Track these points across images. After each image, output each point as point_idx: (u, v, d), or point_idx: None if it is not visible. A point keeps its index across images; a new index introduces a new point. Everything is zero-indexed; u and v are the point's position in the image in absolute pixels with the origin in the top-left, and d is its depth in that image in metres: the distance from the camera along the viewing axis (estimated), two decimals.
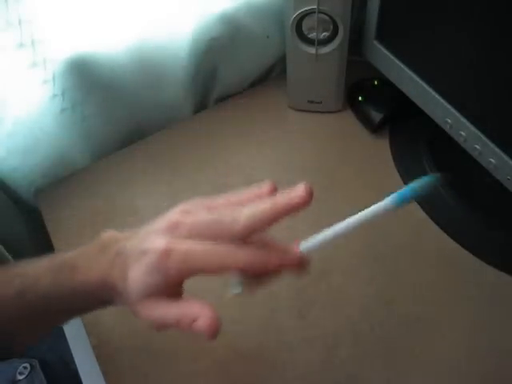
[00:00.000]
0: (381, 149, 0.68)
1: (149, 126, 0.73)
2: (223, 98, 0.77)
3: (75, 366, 0.60)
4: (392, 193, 0.36)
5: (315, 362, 0.51)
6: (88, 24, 0.56)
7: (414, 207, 0.62)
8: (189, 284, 0.39)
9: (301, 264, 0.36)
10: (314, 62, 0.66)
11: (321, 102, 0.71)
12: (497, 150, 0.51)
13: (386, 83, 0.65)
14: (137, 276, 0.34)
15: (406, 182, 0.64)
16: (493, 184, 0.54)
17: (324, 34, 0.63)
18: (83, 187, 0.67)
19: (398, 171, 0.65)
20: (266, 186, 0.37)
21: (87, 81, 0.61)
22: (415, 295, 0.55)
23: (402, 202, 0.36)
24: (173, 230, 0.35)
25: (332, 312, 0.54)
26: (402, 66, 0.61)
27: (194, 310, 0.35)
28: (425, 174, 0.66)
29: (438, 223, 0.60)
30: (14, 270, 0.39)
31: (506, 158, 0.51)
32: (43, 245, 0.67)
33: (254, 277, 0.37)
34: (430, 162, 0.65)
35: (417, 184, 0.36)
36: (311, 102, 0.72)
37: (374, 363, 0.50)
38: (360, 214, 0.37)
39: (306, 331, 0.53)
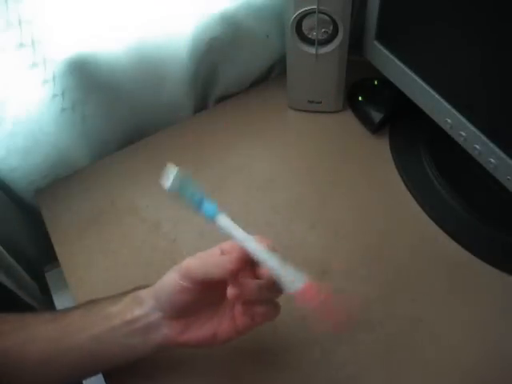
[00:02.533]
0: (381, 149, 0.68)
1: (149, 126, 0.73)
2: (223, 98, 0.77)
3: None
4: None
5: (315, 362, 0.51)
6: (88, 24, 0.56)
7: (414, 207, 0.62)
8: None
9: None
10: (313, 62, 0.66)
11: (321, 102, 0.71)
12: (497, 150, 0.51)
13: (386, 83, 0.66)
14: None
15: (405, 182, 0.64)
16: (493, 184, 0.54)
17: (324, 33, 0.63)
18: (83, 187, 0.67)
19: (398, 171, 0.65)
20: None
21: (87, 81, 0.61)
22: (415, 295, 0.55)
23: None
24: None
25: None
26: (402, 65, 0.61)
27: None
28: (425, 174, 0.66)
29: (437, 223, 0.60)
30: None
31: (506, 157, 0.51)
32: (43, 245, 0.67)
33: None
34: (429, 161, 0.65)
35: None
36: (311, 101, 0.72)
37: (373, 363, 0.50)
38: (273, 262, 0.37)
39: (306, 331, 0.53)
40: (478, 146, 0.54)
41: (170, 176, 0.40)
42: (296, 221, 0.61)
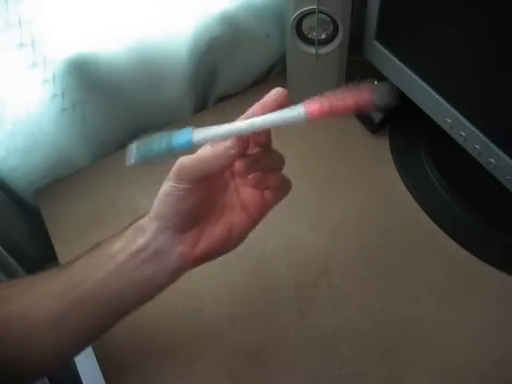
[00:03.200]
0: (381, 149, 0.68)
1: (149, 126, 0.73)
2: (223, 98, 0.77)
3: (75, 365, 0.60)
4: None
5: (315, 362, 0.51)
6: (88, 24, 0.56)
7: (414, 207, 0.62)
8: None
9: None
10: (314, 62, 0.66)
11: None
12: (497, 150, 0.51)
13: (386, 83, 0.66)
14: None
15: (405, 182, 0.64)
16: (493, 184, 0.54)
17: (324, 33, 0.63)
18: (83, 187, 0.67)
19: (398, 171, 0.65)
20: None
21: (87, 81, 0.61)
22: (415, 295, 0.55)
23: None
24: None
25: (332, 311, 0.54)
26: (402, 65, 0.61)
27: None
28: (425, 174, 0.66)
29: (437, 223, 0.60)
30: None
31: (506, 157, 0.51)
32: (43, 245, 0.67)
33: None
34: (429, 162, 0.65)
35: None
36: None
37: (373, 363, 0.50)
38: (265, 117, 0.35)
39: (306, 331, 0.53)
40: (477, 146, 0.54)
41: (132, 149, 0.37)
42: (296, 221, 0.61)
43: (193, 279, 0.57)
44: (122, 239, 0.38)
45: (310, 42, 0.64)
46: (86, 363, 0.56)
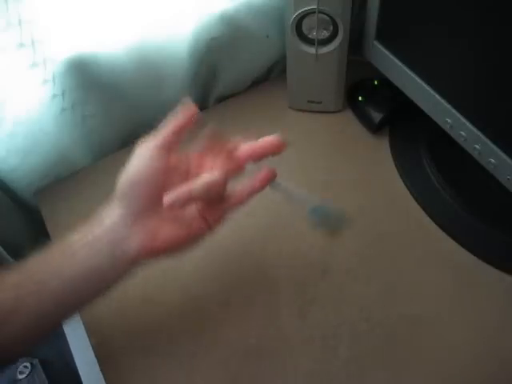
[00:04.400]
0: (381, 149, 0.68)
1: (149, 126, 0.73)
2: (223, 98, 0.77)
3: (76, 365, 0.60)
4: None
5: (315, 362, 0.51)
6: (88, 24, 0.56)
7: (414, 207, 0.62)
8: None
9: None
10: (313, 62, 0.66)
11: (321, 102, 0.71)
12: (497, 149, 0.51)
13: (386, 83, 0.66)
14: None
15: (405, 182, 0.64)
16: (493, 184, 0.54)
17: (324, 34, 0.63)
18: (83, 187, 0.67)
19: (398, 171, 0.65)
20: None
21: (87, 81, 0.61)
22: (415, 295, 0.55)
23: None
24: None
25: (332, 312, 0.54)
26: (402, 66, 0.61)
27: None
28: (425, 173, 0.66)
29: (437, 223, 0.60)
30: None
31: (506, 157, 0.51)
32: (43, 245, 0.67)
33: None
34: (429, 161, 0.65)
35: None
36: (311, 101, 0.72)
37: (373, 363, 0.50)
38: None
39: (306, 331, 0.53)
40: (478, 146, 0.54)
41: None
42: (295, 220, 0.61)
43: (193, 280, 0.57)
44: (83, 229, 0.39)
45: (310, 41, 0.64)
46: (86, 363, 0.56)
